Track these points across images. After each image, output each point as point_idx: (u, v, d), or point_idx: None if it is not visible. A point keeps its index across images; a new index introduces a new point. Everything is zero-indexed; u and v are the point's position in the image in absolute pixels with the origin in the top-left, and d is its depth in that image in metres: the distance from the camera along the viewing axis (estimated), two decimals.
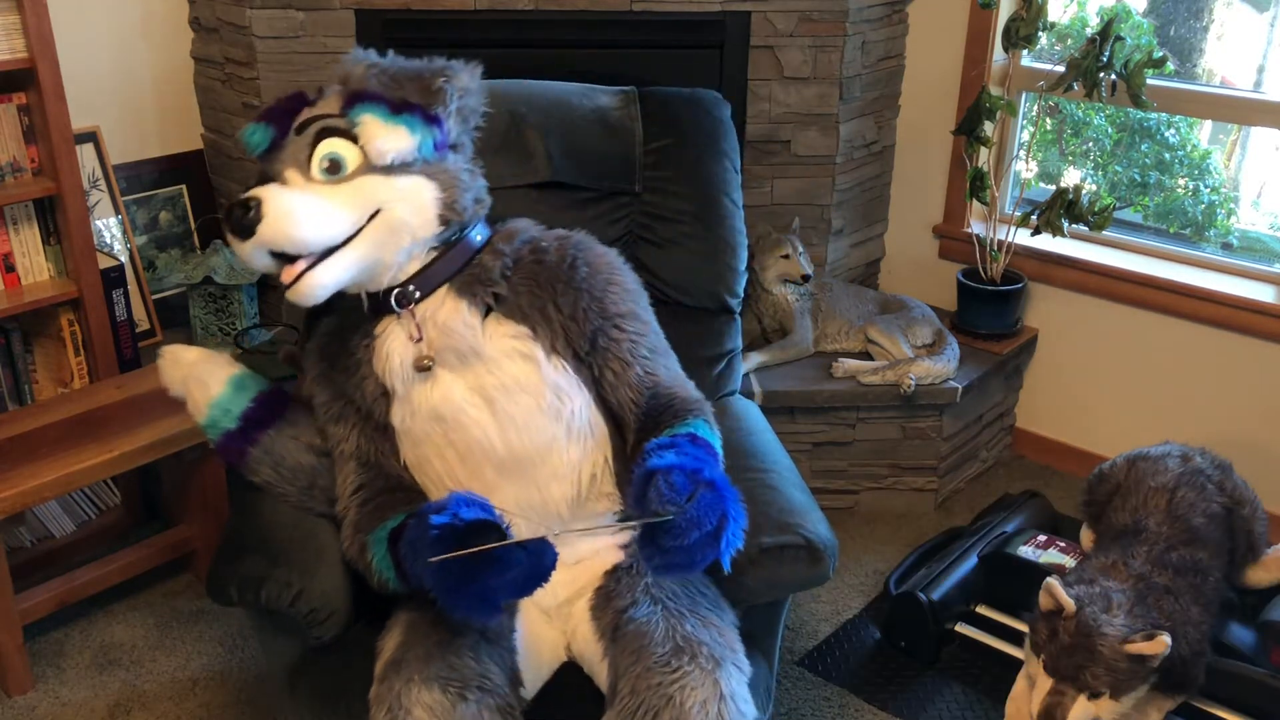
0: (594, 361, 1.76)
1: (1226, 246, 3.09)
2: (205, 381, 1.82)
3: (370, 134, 1.62)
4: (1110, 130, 3.26)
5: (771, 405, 2.83)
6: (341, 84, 1.71)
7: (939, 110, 3.21)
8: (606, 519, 1.79)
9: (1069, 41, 3.17)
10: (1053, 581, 2.01)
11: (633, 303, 1.80)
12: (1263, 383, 2.85)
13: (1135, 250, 3.08)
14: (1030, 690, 2.04)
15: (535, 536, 1.51)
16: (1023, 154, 3.17)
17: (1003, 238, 3.07)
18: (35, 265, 2.59)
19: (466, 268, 1.73)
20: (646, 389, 1.75)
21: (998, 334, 3.11)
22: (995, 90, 3.06)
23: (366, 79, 1.68)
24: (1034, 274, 3.15)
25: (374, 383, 1.75)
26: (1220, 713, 2.20)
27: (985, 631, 2.51)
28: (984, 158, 3.06)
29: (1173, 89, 2.88)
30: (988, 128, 3.01)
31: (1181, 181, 3.18)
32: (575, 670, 1.76)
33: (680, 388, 1.78)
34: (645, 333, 1.80)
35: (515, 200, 2.13)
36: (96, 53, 2.94)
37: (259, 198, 1.57)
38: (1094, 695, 1.95)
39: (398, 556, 1.61)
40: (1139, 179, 3.22)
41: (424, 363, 1.70)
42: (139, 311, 2.98)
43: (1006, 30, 2.90)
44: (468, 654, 1.59)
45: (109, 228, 2.96)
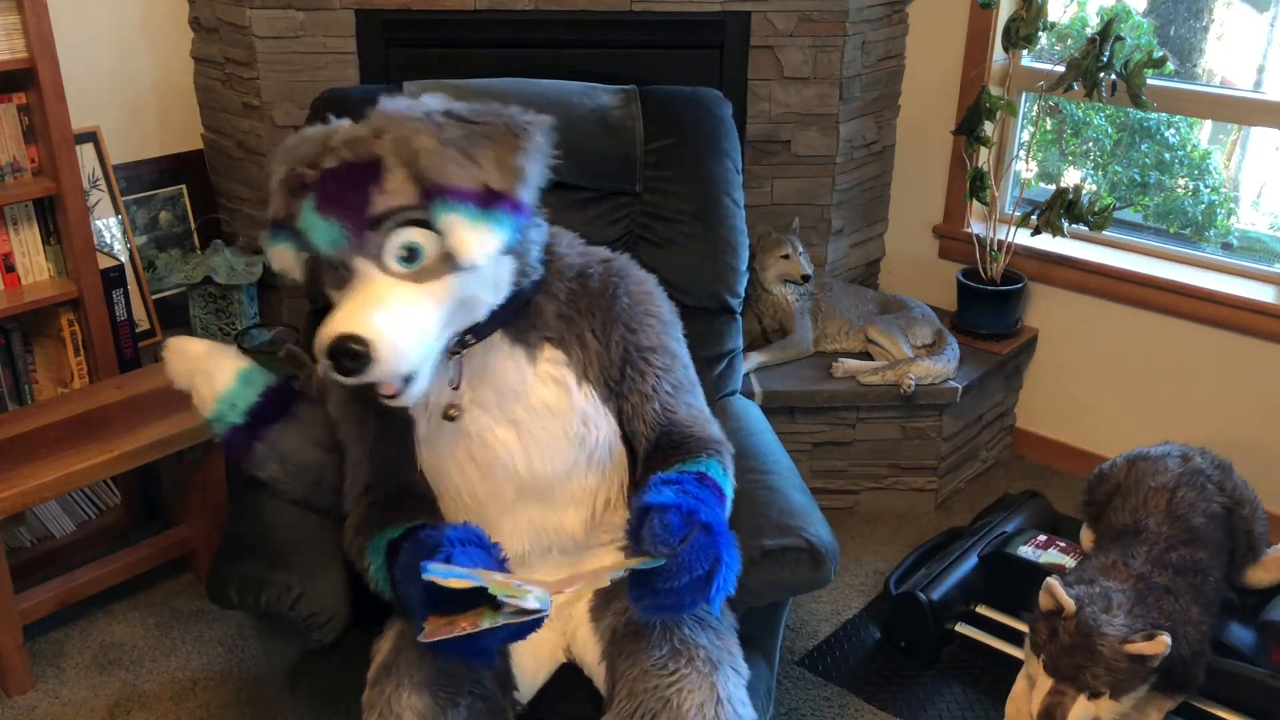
0: (620, 391, 1.74)
1: (1226, 246, 3.09)
2: (212, 375, 1.80)
3: (459, 241, 1.47)
4: (1110, 130, 3.26)
5: (771, 405, 2.83)
6: (398, 148, 1.49)
7: (939, 110, 3.21)
8: (609, 551, 1.77)
9: (1069, 41, 3.17)
10: (1053, 581, 2.01)
11: (665, 335, 1.78)
12: (1263, 383, 2.85)
13: (1135, 250, 3.08)
14: (1030, 690, 2.04)
15: (535, 584, 1.47)
16: (1023, 154, 3.17)
17: (1003, 238, 3.07)
18: (35, 265, 2.59)
19: (522, 311, 1.67)
20: (660, 425, 1.73)
21: (998, 334, 3.11)
22: (995, 90, 3.06)
23: (442, 159, 1.47)
24: (1034, 274, 3.15)
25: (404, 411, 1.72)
26: (1220, 713, 2.20)
27: (985, 631, 2.51)
28: (984, 158, 3.06)
29: (1173, 89, 2.88)
30: (988, 128, 3.01)
31: (1181, 181, 3.18)
32: (575, 672, 1.76)
33: (699, 426, 1.75)
34: (672, 367, 1.77)
35: None
36: (96, 53, 2.94)
37: (365, 340, 1.44)
38: (1094, 695, 1.95)
39: (393, 569, 1.60)
40: (1139, 179, 3.22)
41: (452, 413, 1.67)
42: (139, 311, 2.98)
43: (1006, 30, 2.90)
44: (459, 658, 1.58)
45: (109, 228, 2.96)
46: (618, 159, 2.24)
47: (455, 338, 1.59)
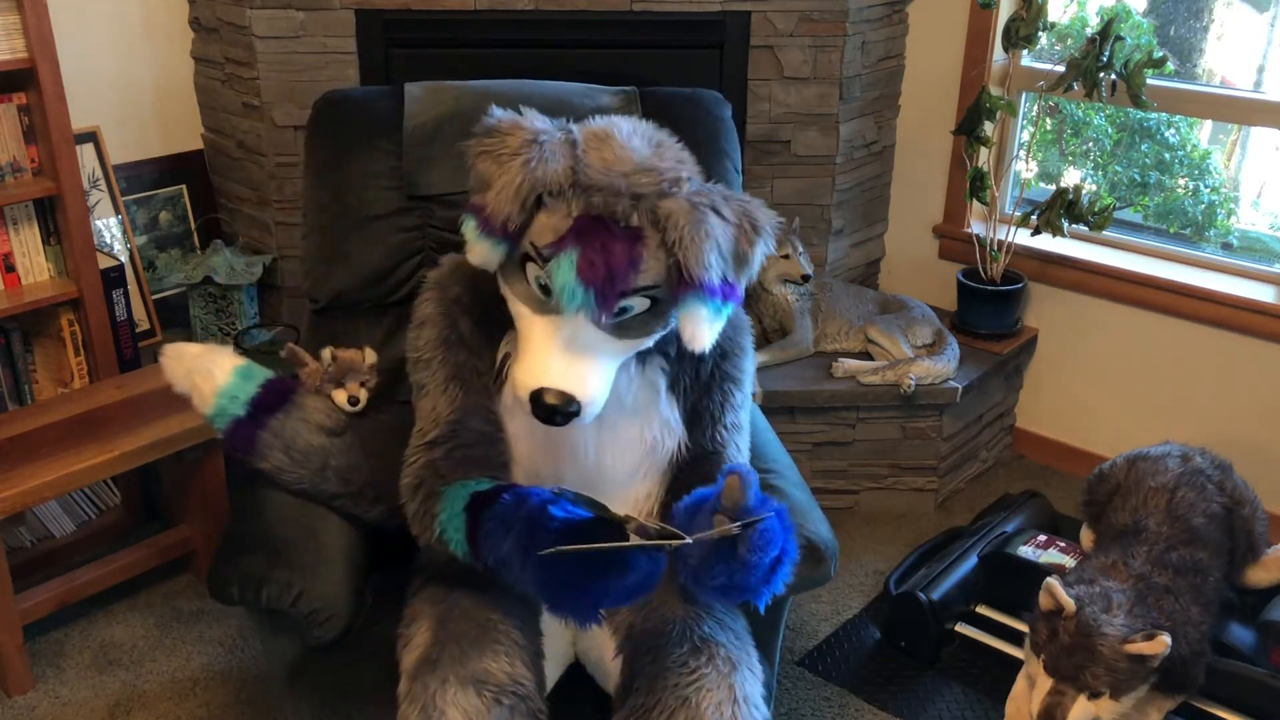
0: (693, 407, 1.75)
1: (1226, 246, 3.09)
2: (211, 372, 1.81)
3: (697, 332, 1.52)
4: (1110, 130, 3.26)
5: (771, 405, 2.83)
6: (661, 225, 1.51)
7: (939, 110, 3.21)
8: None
9: (1069, 41, 3.17)
10: (1053, 581, 2.01)
11: (746, 373, 1.81)
12: (1263, 383, 2.85)
13: (1135, 250, 3.08)
14: (1030, 690, 2.05)
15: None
16: (1023, 154, 3.17)
17: (1003, 238, 3.07)
18: (35, 265, 2.59)
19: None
20: (706, 451, 1.74)
21: (998, 334, 3.11)
22: (995, 90, 3.06)
23: (703, 254, 1.50)
24: (1034, 274, 3.15)
25: (498, 366, 1.70)
26: (1220, 713, 2.20)
27: (985, 631, 2.51)
28: (984, 158, 3.06)
29: (1173, 89, 2.88)
30: (988, 128, 3.01)
31: (1181, 181, 3.18)
32: (577, 669, 1.76)
33: None
34: (740, 405, 1.79)
35: None
36: (96, 53, 2.94)
37: (581, 402, 1.51)
38: (1094, 695, 1.95)
39: (474, 524, 1.55)
40: (1139, 179, 3.22)
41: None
42: (139, 311, 2.98)
43: (1006, 30, 2.90)
44: (503, 657, 1.58)
45: (109, 228, 2.96)
46: None
47: None
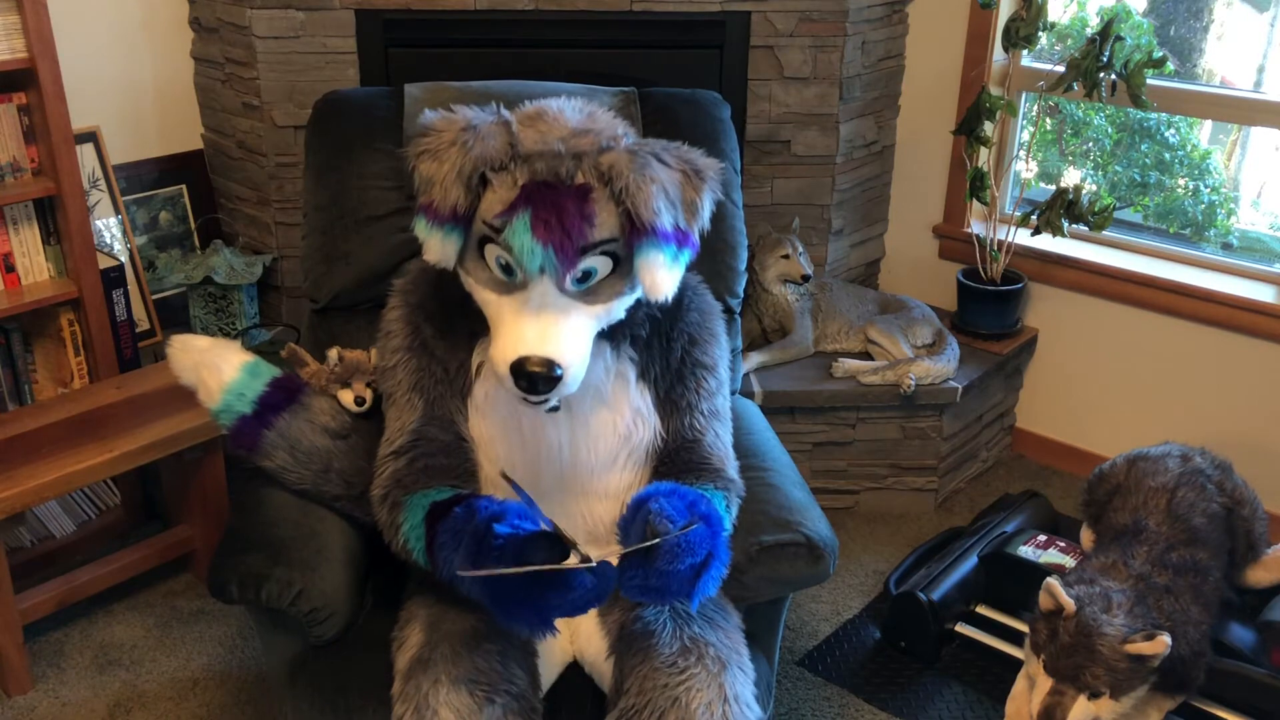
0: (666, 396, 1.76)
1: (1226, 246, 3.09)
2: (219, 367, 1.81)
3: (656, 279, 1.55)
4: (1110, 130, 3.26)
5: (771, 405, 2.83)
6: (608, 178, 1.54)
7: (939, 110, 3.21)
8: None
9: (1069, 41, 3.17)
10: (1053, 581, 2.01)
11: (720, 360, 1.82)
12: (1263, 383, 2.85)
13: (1135, 250, 3.08)
14: (1030, 690, 2.05)
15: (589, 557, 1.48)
16: (1023, 154, 3.17)
17: (1003, 238, 3.07)
18: (35, 265, 2.59)
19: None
20: (685, 440, 1.75)
21: (998, 334, 3.11)
22: (995, 90, 3.06)
23: (653, 199, 1.52)
24: (1034, 274, 3.15)
25: (466, 368, 1.72)
26: (1220, 713, 2.20)
27: (985, 631, 2.51)
28: (984, 158, 3.06)
29: (1173, 89, 2.88)
30: (988, 128, 3.01)
31: (1181, 181, 3.18)
32: (577, 669, 1.76)
33: (717, 459, 1.77)
34: (716, 392, 1.80)
35: None
36: (96, 53, 2.94)
37: (563, 365, 1.51)
38: (1094, 695, 1.95)
39: (432, 533, 1.57)
40: (1139, 179, 3.22)
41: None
42: (139, 311, 2.98)
43: (1006, 30, 2.90)
44: (495, 657, 1.58)
45: (109, 228, 2.96)
46: None
47: None
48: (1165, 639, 1.92)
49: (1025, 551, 2.51)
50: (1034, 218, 2.98)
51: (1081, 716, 1.95)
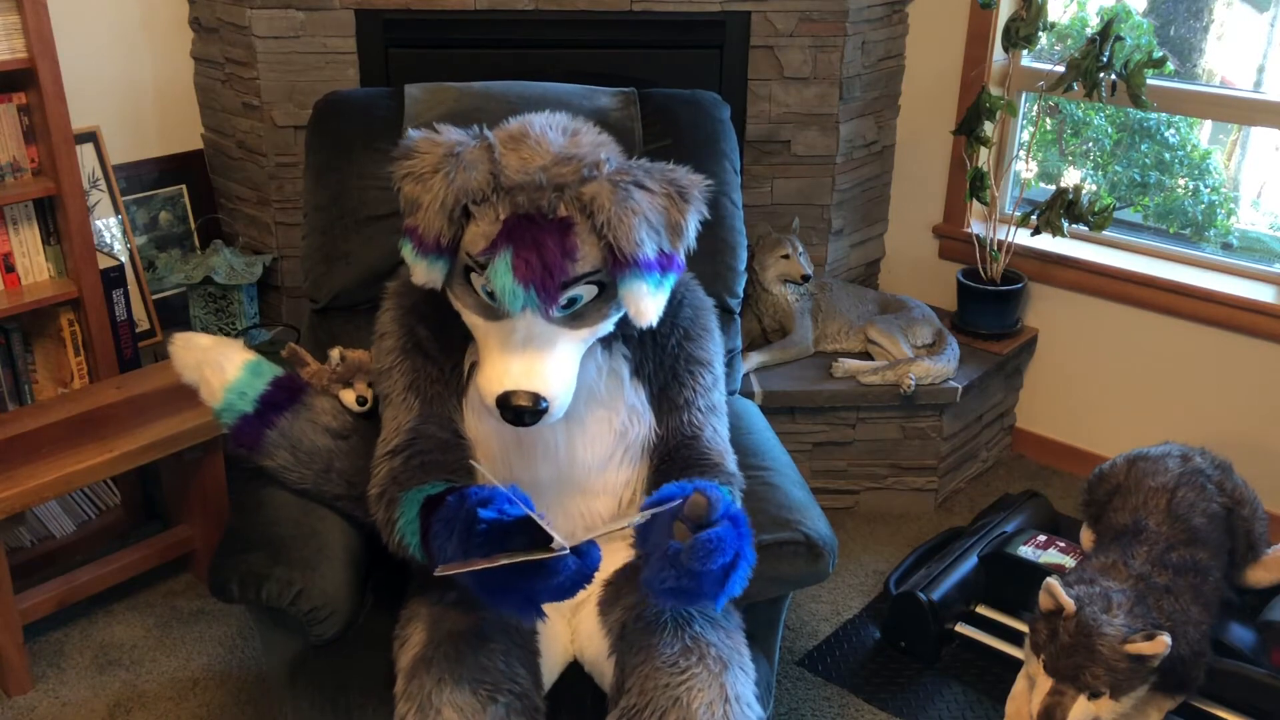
0: (661, 393, 1.77)
1: (1226, 246, 3.09)
2: (221, 365, 1.82)
3: (641, 307, 1.57)
4: (1110, 130, 3.26)
5: (771, 405, 2.83)
6: (589, 210, 1.53)
7: (939, 110, 3.21)
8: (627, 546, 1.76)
9: (1069, 41, 3.17)
10: (1053, 581, 2.01)
11: (714, 355, 1.82)
12: (1263, 383, 2.85)
13: (1135, 250, 3.08)
14: (1030, 690, 2.05)
15: (569, 537, 1.47)
16: (1023, 154, 3.17)
17: (1003, 238, 3.07)
18: (35, 265, 2.59)
19: None
20: (682, 437, 1.76)
21: (998, 334, 3.11)
22: (995, 90, 3.06)
23: (634, 231, 1.52)
24: (1034, 274, 3.15)
25: (460, 369, 1.73)
26: (1220, 713, 2.20)
27: (985, 631, 2.51)
28: (984, 158, 3.06)
29: (1173, 89, 2.88)
30: (988, 128, 3.01)
31: (1181, 181, 3.18)
32: (577, 668, 1.76)
33: (717, 454, 1.77)
34: (712, 387, 1.80)
35: None
36: (96, 53, 2.94)
37: (549, 399, 1.53)
38: (1094, 695, 1.95)
39: (427, 526, 1.57)
40: (1139, 179, 3.22)
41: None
42: (139, 311, 2.98)
43: (1006, 30, 2.90)
44: (498, 655, 1.59)
45: (109, 228, 2.96)
46: None
47: None
48: (1165, 639, 1.92)
49: (1025, 551, 2.51)
50: (1034, 218, 2.98)
51: (1081, 716, 1.95)
